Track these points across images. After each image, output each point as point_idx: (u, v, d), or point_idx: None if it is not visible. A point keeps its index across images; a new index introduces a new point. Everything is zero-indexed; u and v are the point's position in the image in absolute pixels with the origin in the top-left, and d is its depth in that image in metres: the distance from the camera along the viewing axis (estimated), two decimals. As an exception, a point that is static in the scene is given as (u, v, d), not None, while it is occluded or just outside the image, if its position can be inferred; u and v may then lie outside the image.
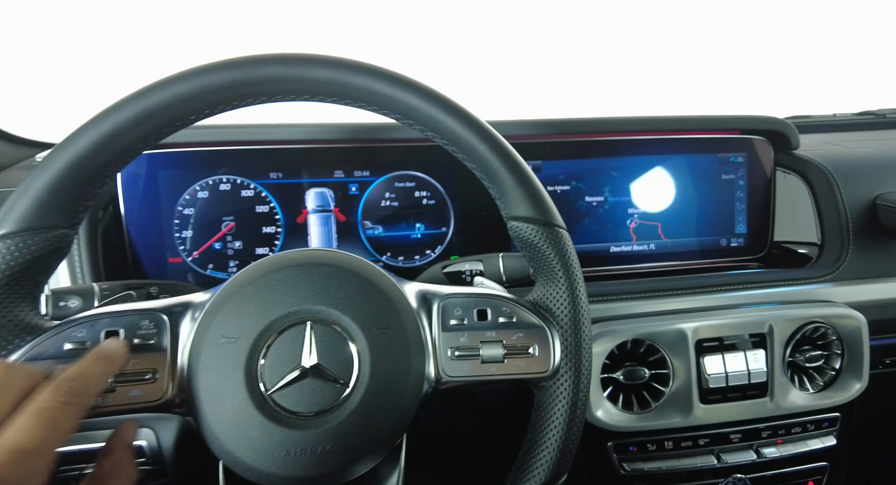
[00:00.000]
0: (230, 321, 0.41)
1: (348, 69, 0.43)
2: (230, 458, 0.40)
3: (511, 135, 0.75)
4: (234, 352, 0.41)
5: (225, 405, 0.40)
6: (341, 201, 0.74)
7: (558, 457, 0.44)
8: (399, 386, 0.43)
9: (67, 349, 0.40)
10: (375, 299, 0.44)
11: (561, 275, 0.46)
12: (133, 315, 0.42)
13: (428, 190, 0.77)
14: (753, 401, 0.70)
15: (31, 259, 0.39)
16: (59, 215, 0.40)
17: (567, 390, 0.45)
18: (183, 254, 0.71)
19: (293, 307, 0.42)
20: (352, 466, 0.42)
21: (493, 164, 0.46)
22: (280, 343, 0.41)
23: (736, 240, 0.87)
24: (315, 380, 0.41)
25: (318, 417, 0.41)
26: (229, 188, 0.71)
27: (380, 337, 0.43)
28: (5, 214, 0.40)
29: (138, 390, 0.41)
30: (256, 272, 0.43)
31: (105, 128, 0.41)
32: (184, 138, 0.68)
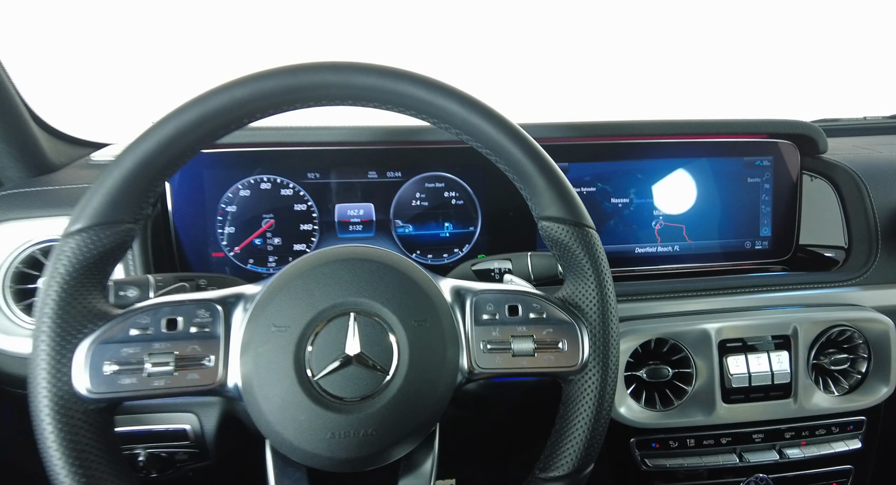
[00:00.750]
0: (280, 311, 0.44)
1: (391, 76, 0.46)
2: (278, 439, 0.43)
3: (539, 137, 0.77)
4: (283, 340, 0.44)
5: (275, 390, 0.43)
6: (374, 200, 0.77)
7: (586, 447, 0.46)
8: (435, 375, 0.45)
9: (133, 334, 0.43)
10: (413, 293, 0.47)
11: (590, 273, 0.48)
12: (191, 305, 0.45)
13: (456, 190, 0.79)
14: (777, 402, 0.71)
15: (101, 251, 0.43)
16: (126, 211, 0.44)
17: (595, 383, 0.47)
18: (225, 249, 0.75)
19: (338, 299, 0.45)
20: (391, 449, 0.44)
21: (526, 166, 0.49)
22: (326, 332, 0.44)
23: (760, 243, 0.87)
24: (358, 367, 0.44)
25: (360, 402, 0.43)
26: (269, 187, 0.75)
27: (417, 329, 0.45)
28: (80, 210, 0.44)
29: (196, 374, 0.44)
30: (304, 266, 0.46)
31: (168, 130, 0.44)
32: (227, 139, 0.71)
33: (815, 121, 1.20)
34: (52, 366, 0.41)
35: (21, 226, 0.64)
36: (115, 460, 0.43)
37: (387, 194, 0.78)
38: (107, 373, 0.42)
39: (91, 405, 0.42)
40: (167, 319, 0.44)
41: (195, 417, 0.71)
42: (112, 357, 0.42)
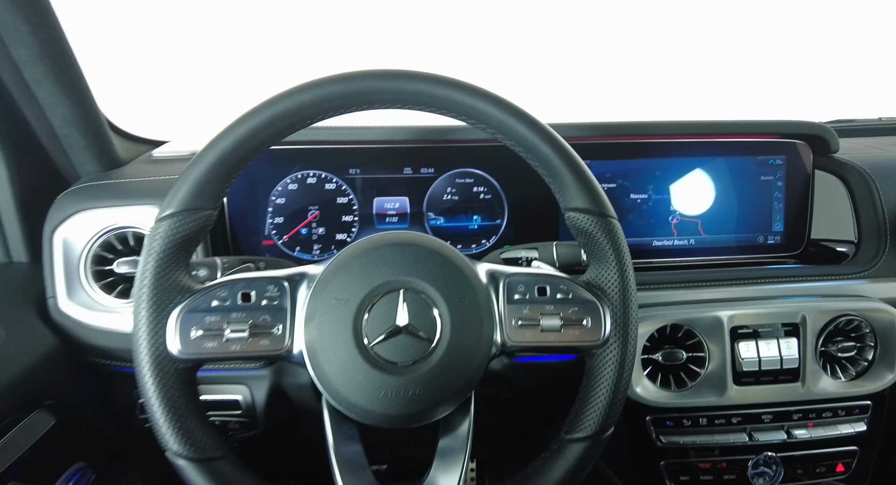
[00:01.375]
0: (341, 286, 0.51)
1: (436, 82, 0.52)
2: (338, 397, 0.50)
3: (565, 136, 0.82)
4: (343, 311, 0.50)
5: (336, 354, 0.49)
6: (409, 194, 0.84)
7: (607, 412, 0.52)
8: (473, 346, 0.52)
9: (214, 305, 0.50)
10: (454, 274, 0.53)
11: (612, 259, 0.54)
12: (262, 281, 0.52)
13: (485, 186, 0.85)
14: (785, 385, 0.76)
15: (187, 234, 0.50)
16: (207, 200, 0.51)
17: (615, 356, 0.53)
18: (274, 237, 0.82)
19: (390, 277, 0.51)
20: (434, 408, 0.51)
21: (555, 162, 0.54)
22: (379, 306, 0.51)
23: (773, 237, 0.92)
24: (406, 336, 0.50)
25: (409, 366, 0.50)
26: (315, 182, 0.82)
27: (458, 305, 0.52)
28: (170, 198, 0.51)
29: (266, 341, 0.51)
30: (360, 249, 0.53)
31: (243, 130, 0.51)
32: (279, 138, 0.79)
33: (832, 121, 1.24)
34: (151, 330, 0.48)
35: (98, 214, 0.72)
36: (198, 410, 0.50)
37: (420, 189, 0.84)
38: (193, 337, 0.49)
39: (181, 364, 0.49)
40: (242, 292, 0.51)
41: (247, 389, 0.78)
42: (197, 324, 0.49)
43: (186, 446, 0.48)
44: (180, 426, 0.48)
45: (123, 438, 0.81)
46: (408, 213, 0.85)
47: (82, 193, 0.74)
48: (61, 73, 0.68)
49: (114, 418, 0.78)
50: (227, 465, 0.49)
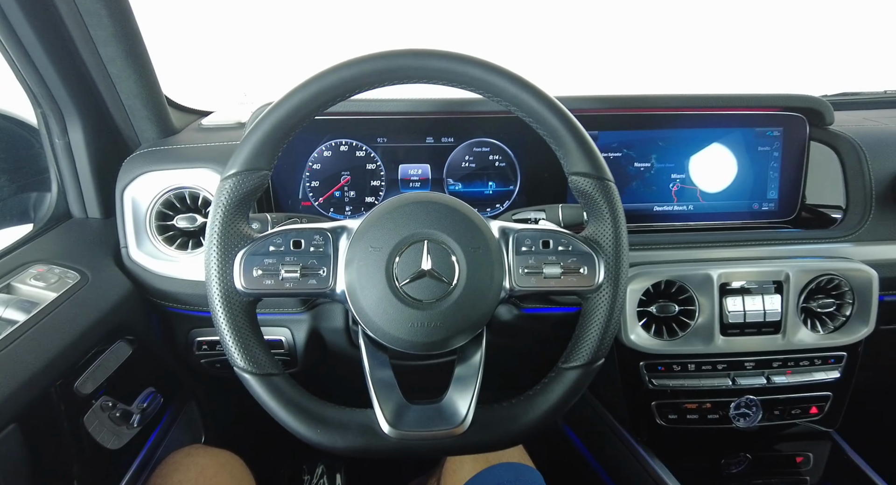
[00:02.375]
0: (375, 237, 0.61)
1: (458, 60, 0.61)
2: (373, 327, 0.60)
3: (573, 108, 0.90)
4: (378, 257, 0.60)
5: (371, 292, 0.59)
6: (431, 162, 0.93)
7: (598, 344, 0.62)
8: (486, 288, 0.61)
9: (271, 250, 0.61)
10: (470, 228, 0.62)
11: (608, 217, 0.63)
12: (309, 231, 0.62)
13: (500, 154, 0.94)
14: (767, 336, 0.84)
15: (247, 190, 0.60)
16: (264, 161, 0.61)
17: (607, 299, 0.62)
18: (312, 199, 0.92)
19: (416, 230, 0.61)
20: (452, 338, 0.61)
21: (561, 131, 0.63)
22: (407, 253, 0.60)
23: (768, 204, 0.99)
24: (430, 279, 0.60)
25: (431, 303, 0.59)
26: (347, 149, 0.91)
27: (473, 254, 0.61)
28: (234, 160, 0.60)
29: (314, 280, 0.61)
30: (391, 205, 0.62)
31: (295, 101, 0.60)
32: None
33: (837, 94, 1.28)
34: (221, 270, 0.59)
35: (160, 175, 0.83)
36: (259, 336, 0.61)
37: (441, 157, 0.93)
38: (255, 276, 0.59)
39: (244, 298, 0.60)
40: (293, 240, 0.61)
41: (289, 331, 0.90)
42: (258, 265, 0.60)
43: (250, 362, 0.59)
44: (245, 347, 0.59)
45: (182, 372, 0.93)
46: (429, 179, 0.94)
47: (146, 157, 0.84)
48: (131, 51, 0.78)
49: (175, 355, 0.91)
50: (282, 380, 0.60)
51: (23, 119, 0.87)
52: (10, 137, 0.86)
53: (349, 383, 1.12)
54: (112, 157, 0.87)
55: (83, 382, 0.69)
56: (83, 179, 0.86)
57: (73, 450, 0.68)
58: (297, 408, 0.59)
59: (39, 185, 0.89)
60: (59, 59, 0.76)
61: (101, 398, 0.72)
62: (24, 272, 0.72)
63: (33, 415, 0.61)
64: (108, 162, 0.87)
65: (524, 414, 0.60)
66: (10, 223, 0.86)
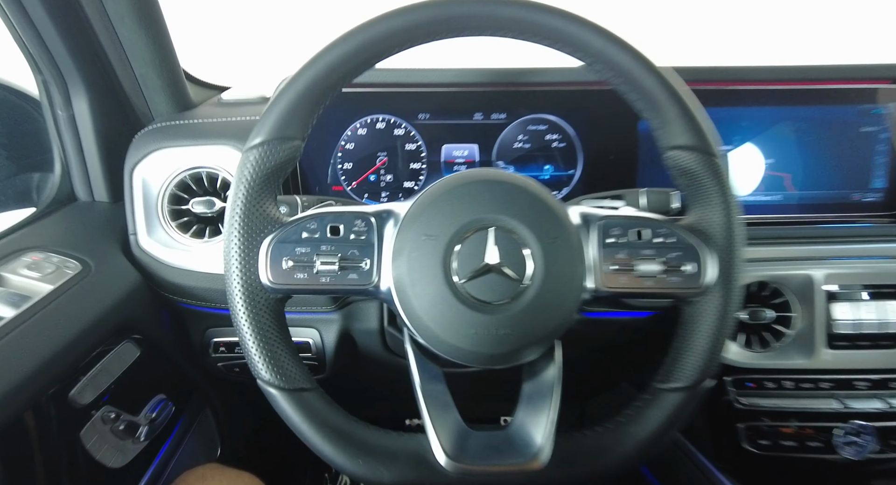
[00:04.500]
0: (430, 222, 0.49)
1: (533, 8, 0.49)
2: (427, 333, 0.49)
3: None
4: (433, 247, 0.49)
5: (425, 290, 0.48)
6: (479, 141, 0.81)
7: (706, 361, 0.49)
8: (565, 288, 0.49)
9: (304, 237, 0.50)
10: (546, 214, 0.50)
11: (718, 201, 0.50)
12: (350, 215, 0.51)
13: (559, 133, 0.81)
14: (885, 351, 0.71)
15: (276, 163, 0.49)
16: (296, 129, 0.50)
17: (718, 304, 0.50)
18: (343, 183, 0.81)
19: (479, 215, 0.49)
20: (524, 350, 0.49)
21: (658, 94, 0.50)
22: (469, 243, 0.49)
23: (872, 195, 0.84)
24: (497, 276, 0.48)
25: (499, 306, 0.48)
26: (384, 127, 0.80)
27: (549, 246, 0.49)
28: (259, 127, 0.50)
29: (355, 275, 0.50)
30: (449, 185, 0.51)
31: (332, 57, 0.49)
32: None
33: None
34: (243, 259, 0.48)
35: (174, 153, 0.73)
36: (288, 341, 0.50)
37: (491, 135, 0.81)
38: (284, 268, 0.49)
39: (271, 295, 0.49)
40: (331, 225, 0.50)
41: (317, 332, 0.79)
42: (288, 255, 0.49)
43: (278, 374, 0.48)
44: (271, 356, 0.48)
45: (197, 376, 0.83)
46: (476, 161, 0.82)
47: (159, 133, 0.74)
48: (142, 9, 0.68)
49: (189, 357, 0.81)
50: (316, 397, 0.50)
51: (24, 90, 0.77)
52: (10, 109, 0.77)
53: (380, 391, 1.02)
54: (122, 133, 0.78)
55: (81, 390, 0.59)
56: (89, 157, 0.77)
57: (68, 471, 0.58)
58: (334, 432, 0.48)
59: (44, 164, 0.80)
60: (60, 15, 0.66)
61: (102, 408, 0.62)
62: (15, 261, 0.63)
63: (18, 430, 0.52)
64: (118, 139, 0.77)
65: (615, 446, 0.49)
66: (9, 207, 0.77)
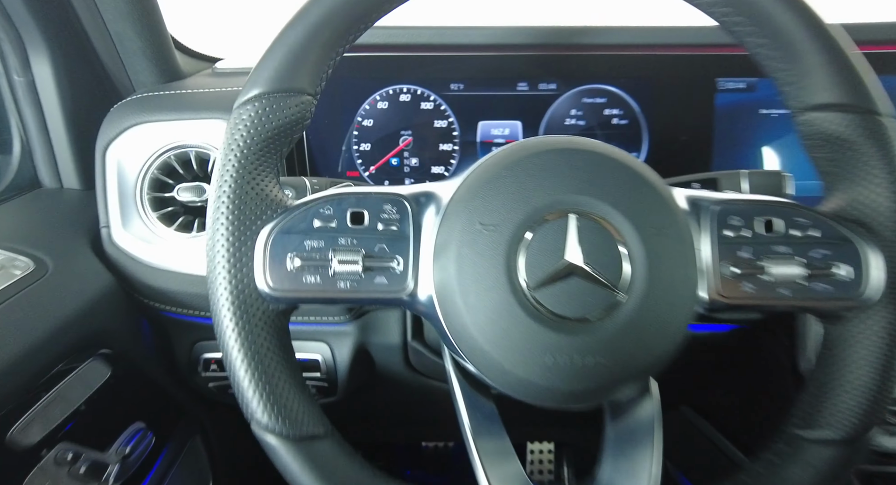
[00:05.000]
0: (487, 207, 0.36)
1: None
2: (484, 360, 0.35)
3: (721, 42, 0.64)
4: (492, 240, 0.35)
5: (482, 299, 0.35)
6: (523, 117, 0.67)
7: (873, 404, 0.36)
8: (675, 300, 0.36)
9: (316, 226, 0.36)
10: (647, 195, 0.37)
11: (885, 177, 0.36)
12: (377, 198, 0.38)
13: (620, 107, 0.68)
14: None
15: (279, 125, 0.36)
16: (307, 79, 0.37)
17: (886, 324, 0.36)
18: (360, 167, 0.67)
19: (555, 196, 0.36)
20: (617, 386, 0.36)
21: (796, 37, 0.37)
22: (541, 235, 0.35)
23: None
24: (581, 280, 0.35)
25: (587, 323, 0.35)
26: (409, 100, 0.66)
27: (654, 238, 0.36)
28: (257, 74, 0.37)
29: (383, 278, 0.37)
30: (512, 156, 0.38)
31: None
32: (368, 39, 0.63)
33: None
34: (233, 255, 0.35)
35: (157, 128, 0.60)
36: (293, 370, 0.37)
37: (538, 110, 0.68)
38: (289, 268, 0.36)
39: (272, 305, 0.36)
40: (352, 211, 0.37)
41: (328, 347, 0.66)
42: (295, 249, 0.36)
43: (279, 418, 0.35)
44: (270, 392, 0.35)
45: (184, 398, 0.70)
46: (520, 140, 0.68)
47: (139, 104, 0.61)
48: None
49: (174, 375, 0.67)
50: (331, 446, 0.36)
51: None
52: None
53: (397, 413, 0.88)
54: (97, 105, 0.65)
55: (26, 426, 0.46)
56: (55, 134, 0.64)
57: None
58: None
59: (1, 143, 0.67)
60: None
61: (57, 447, 0.49)
62: (-51, 259, 0.50)
63: None
64: (92, 112, 0.65)
65: None
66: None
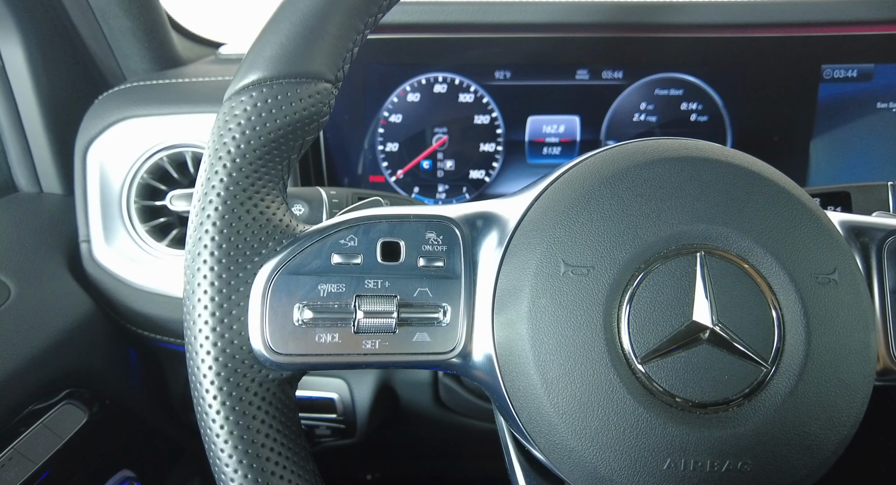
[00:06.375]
0: (576, 239, 0.25)
1: None
2: (571, 459, 0.25)
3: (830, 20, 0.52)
4: (584, 289, 0.25)
5: (570, 373, 0.24)
6: (582, 111, 0.56)
7: None
8: (850, 375, 0.25)
9: (334, 263, 0.26)
10: (806, 226, 0.26)
11: None
12: (417, 223, 0.27)
13: (700, 101, 0.56)
14: None
15: (288, 123, 0.26)
16: (324, 61, 0.27)
17: None
18: (386, 172, 0.57)
19: (677, 227, 0.25)
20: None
21: None
22: (656, 283, 0.25)
23: None
24: (714, 349, 0.24)
25: (723, 411, 0.24)
26: (445, 91, 0.56)
27: (821, 291, 0.25)
28: (255, 53, 0.26)
29: (425, 334, 0.26)
30: (611, 165, 0.27)
31: None
32: (397, 18, 0.53)
33: None
34: (219, 304, 0.25)
35: (147, 124, 0.50)
36: (304, 460, 0.27)
37: (599, 104, 0.57)
38: (297, 323, 0.26)
39: (272, 373, 0.26)
40: (384, 241, 0.27)
41: (346, 385, 0.56)
42: (305, 297, 0.26)
43: None
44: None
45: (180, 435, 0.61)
46: (577, 141, 0.57)
47: (127, 95, 0.52)
48: None
49: (168, 411, 0.58)
50: None
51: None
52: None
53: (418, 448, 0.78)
54: (81, 95, 0.56)
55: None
56: (32, 133, 0.55)
57: None
58: None
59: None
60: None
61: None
62: None
63: None
64: (76, 105, 0.55)
65: None
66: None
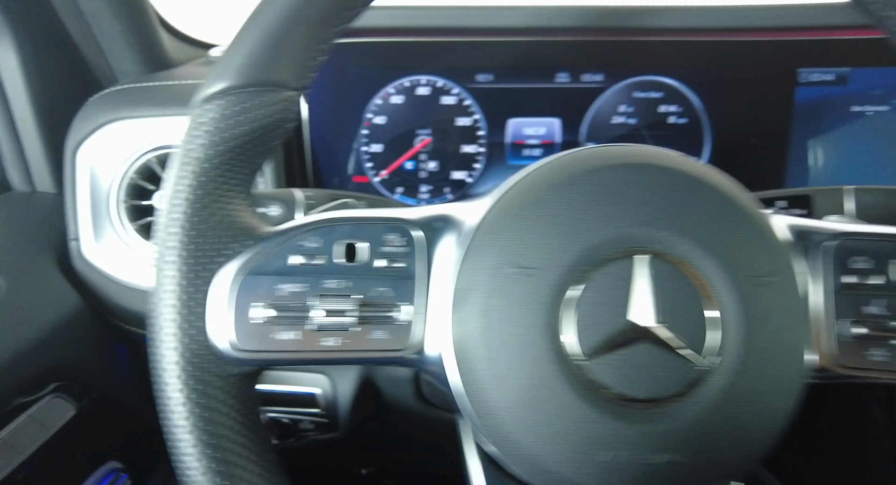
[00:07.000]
0: (527, 242, 0.26)
1: None
2: (518, 452, 0.26)
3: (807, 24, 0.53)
4: (532, 289, 0.26)
5: (517, 369, 0.25)
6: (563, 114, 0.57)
7: None
8: (782, 373, 0.26)
9: (294, 264, 0.28)
10: (744, 229, 0.27)
11: None
12: (377, 225, 0.29)
13: (679, 104, 0.57)
14: None
15: (253, 128, 0.27)
16: (289, 71, 0.28)
17: None
18: (370, 172, 0.58)
19: (622, 230, 0.26)
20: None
21: None
22: (599, 284, 0.26)
23: None
24: (653, 348, 0.25)
25: (660, 406, 0.25)
26: (428, 93, 0.57)
27: (756, 293, 0.26)
28: (224, 62, 0.28)
29: (383, 333, 0.28)
30: (560, 172, 0.28)
31: None
32: (379, 22, 0.54)
33: None
34: (185, 302, 0.27)
35: (136, 126, 0.52)
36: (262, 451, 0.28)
37: (579, 106, 0.57)
38: (258, 320, 0.27)
39: (234, 369, 0.27)
40: (346, 243, 0.28)
41: (328, 380, 0.57)
42: (266, 296, 0.27)
43: None
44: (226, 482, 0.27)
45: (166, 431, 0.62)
46: (557, 142, 0.58)
47: (117, 97, 0.53)
48: None
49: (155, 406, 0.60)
50: None
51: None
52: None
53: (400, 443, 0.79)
54: (74, 96, 0.57)
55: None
56: (25, 131, 0.57)
57: None
58: None
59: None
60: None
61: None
62: None
63: None
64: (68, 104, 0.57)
65: None
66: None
